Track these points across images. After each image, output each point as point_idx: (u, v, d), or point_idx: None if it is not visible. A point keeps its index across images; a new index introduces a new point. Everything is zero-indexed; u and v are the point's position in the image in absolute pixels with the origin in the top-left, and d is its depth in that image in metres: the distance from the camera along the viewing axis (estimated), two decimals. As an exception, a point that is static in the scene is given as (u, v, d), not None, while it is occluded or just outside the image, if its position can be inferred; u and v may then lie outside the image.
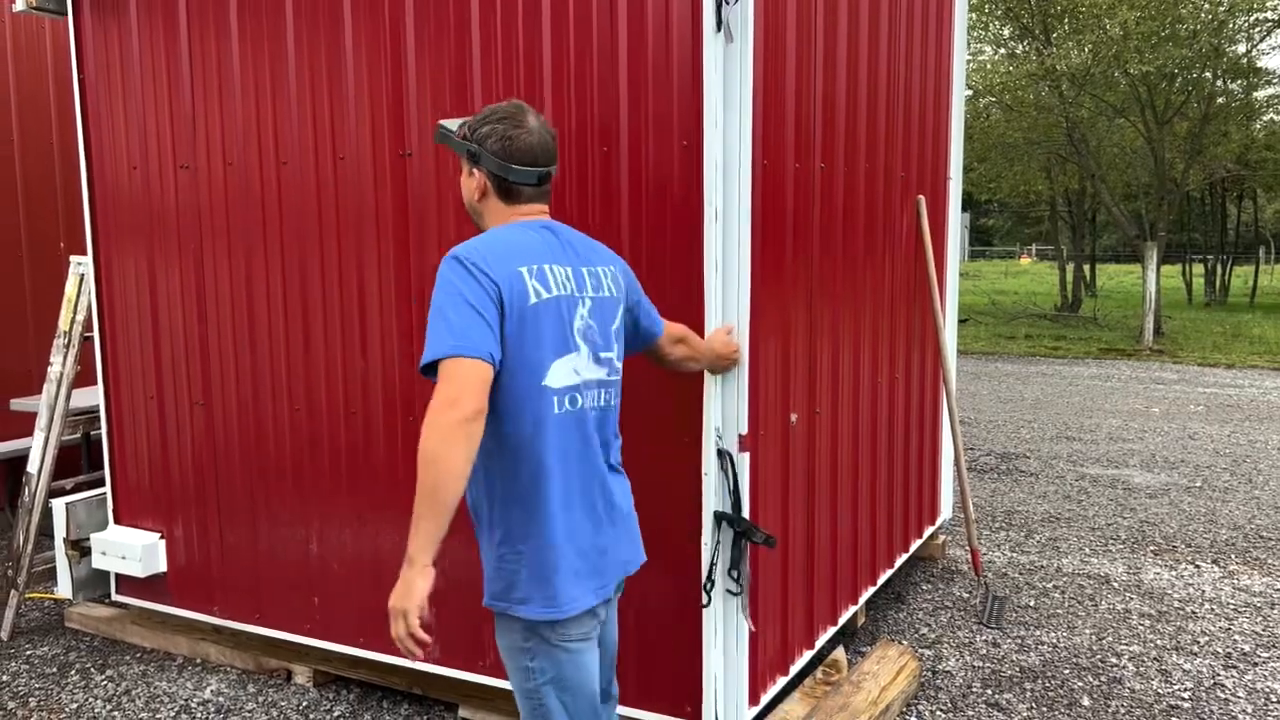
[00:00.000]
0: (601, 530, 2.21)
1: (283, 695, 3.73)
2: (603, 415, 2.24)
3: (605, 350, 2.24)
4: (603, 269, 2.28)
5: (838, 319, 3.74)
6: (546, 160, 2.25)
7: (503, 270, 2.04)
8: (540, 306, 2.08)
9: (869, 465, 4.11)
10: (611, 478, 2.28)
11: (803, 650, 3.56)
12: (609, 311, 2.27)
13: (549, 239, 2.21)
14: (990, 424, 9.19)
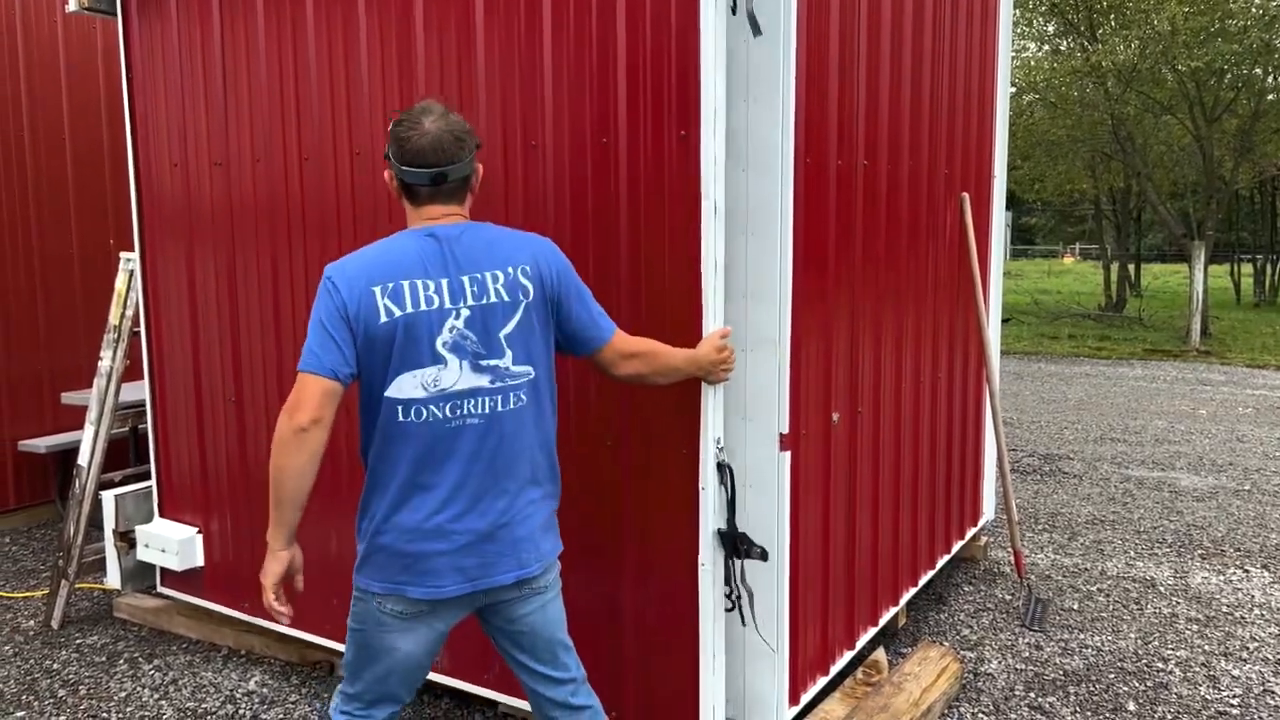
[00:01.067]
0: (447, 536, 2.26)
1: (325, 687, 3.77)
2: (491, 423, 2.26)
3: (491, 358, 2.25)
4: (493, 273, 2.26)
5: (880, 318, 3.72)
6: (438, 160, 2.27)
7: (356, 289, 2.19)
8: (394, 324, 2.19)
9: (911, 465, 4.08)
10: (503, 488, 2.29)
11: (843, 651, 3.54)
12: (498, 317, 2.26)
13: (428, 249, 2.25)
14: (1033, 425, 9.08)
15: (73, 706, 3.62)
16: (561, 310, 2.36)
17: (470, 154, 2.32)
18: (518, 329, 2.28)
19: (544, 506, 2.40)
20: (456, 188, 2.31)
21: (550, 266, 2.34)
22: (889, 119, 3.69)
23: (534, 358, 2.32)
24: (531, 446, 2.34)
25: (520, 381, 2.29)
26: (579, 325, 2.39)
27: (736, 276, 2.98)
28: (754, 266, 2.95)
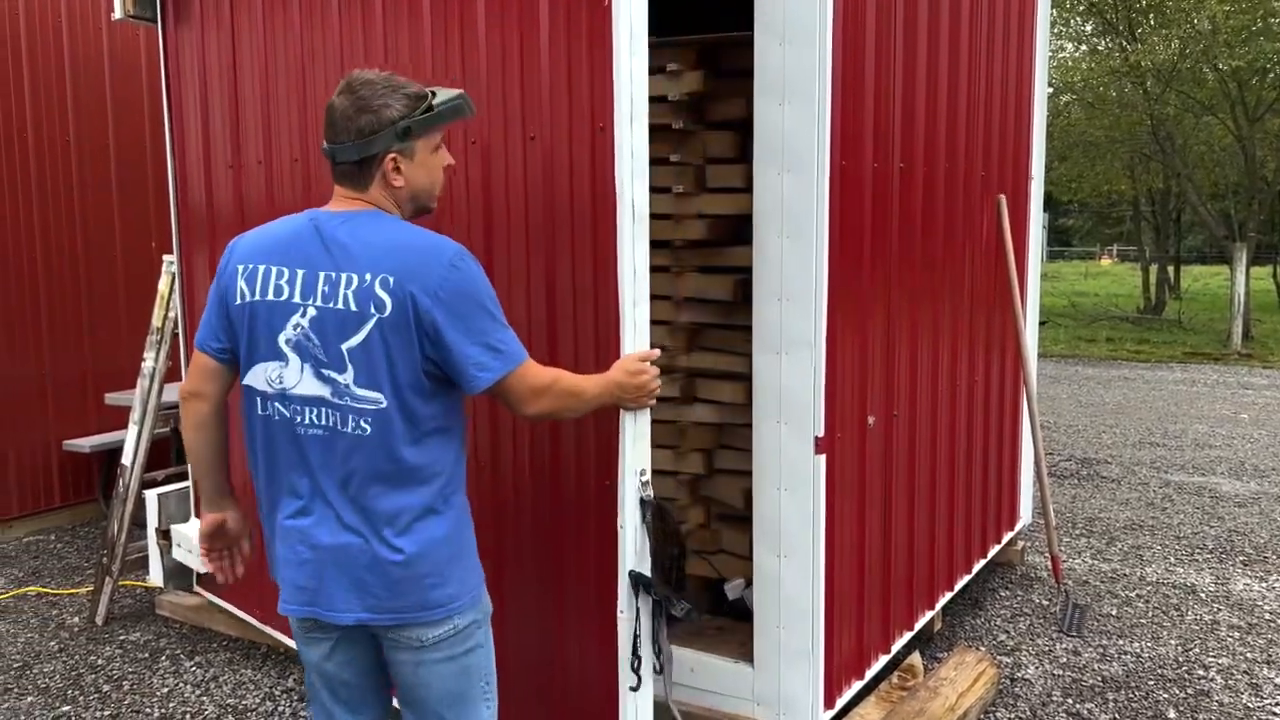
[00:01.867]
0: (294, 545, 2.08)
1: (362, 685, 3.80)
2: (334, 440, 2.01)
3: (332, 369, 2.00)
4: (349, 275, 1.97)
5: (916, 320, 3.70)
6: (332, 136, 2.04)
7: (231, 264, 2.10)
8: (244, 308, 2.05)
9: (947, 469, 4.06)
10: (353, 513, 2.03)
11: (879, 655, 3.53)
12: (341, 326, 1.97)
13: (302, 233, 2.05)
14: (1070, 428, 8.98)
15: (116, 701, 3.69)
16: (437, 339, 1.97)
17: (378, 134, 2.00)
18: (363, 347, 1.97)
19: (411, 565, 2.03)
20: (351, 170, 2.04)
21: (427, 283, 1.95)
22: (925, 121, 3.67)
23: (384, 385, 1.98)
24: (384, 483, 2.02)
25: (364, 408, 1.99)
26: (457, 360, 1.98)
27: (771, 279, 2.98)
28: (789, 269, 2.96)
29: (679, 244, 3.58)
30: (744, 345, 3.50)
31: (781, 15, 2.88)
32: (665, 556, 3.49)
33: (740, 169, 3.48)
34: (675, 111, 3.53)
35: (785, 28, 2.88)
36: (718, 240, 3.56)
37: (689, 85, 3.48)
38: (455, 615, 2.08)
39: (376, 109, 2.00)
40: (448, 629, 2.08)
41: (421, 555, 2.04)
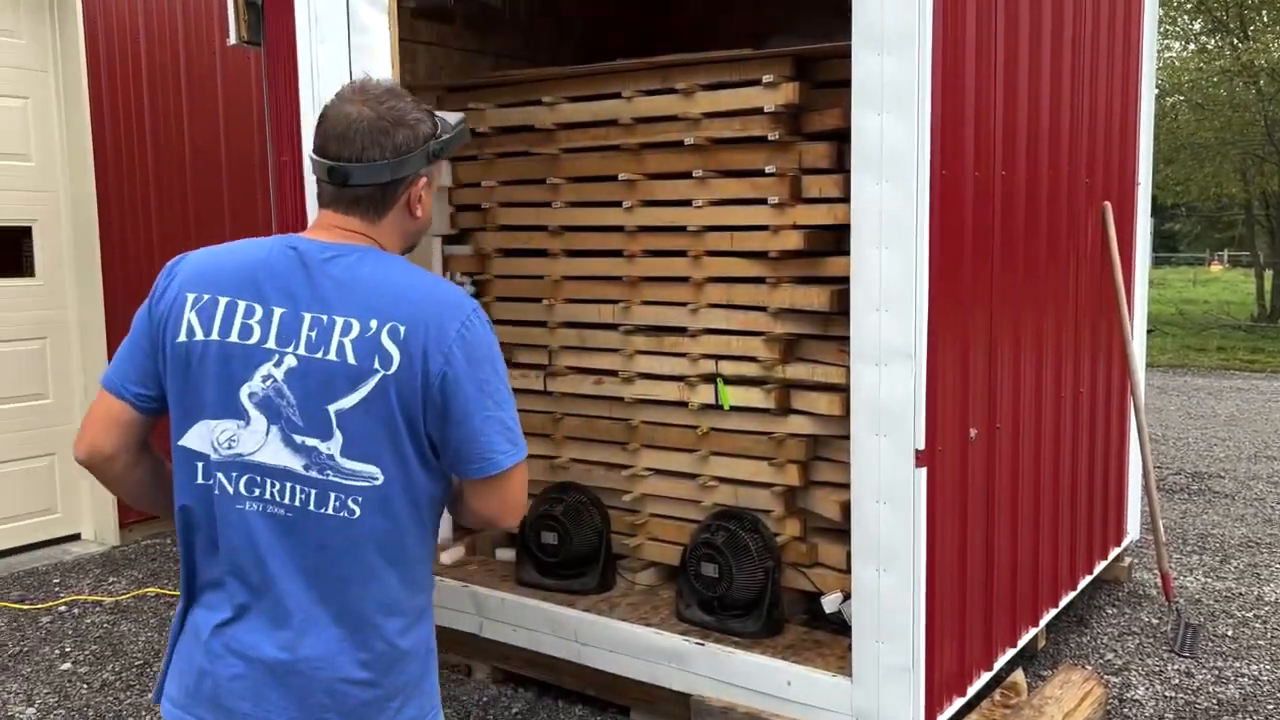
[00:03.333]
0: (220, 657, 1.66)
1: (464, 690, 3.89)
2: (299, 524, 1.62)
3: (309, 435, 1.61)
4: (346, 321, 1.61)
5: (1019, 331, 3.63)
6: (337, 150, 1.67)
7: (175, 293, 1.68)
8: (189, 348, 1.64)
9: (1051, 483, 3.96)
10: (312, 619, 1.64)
11: (980, 672, 3.46)
12: (331, 383, 1.61)
13: (278, 262, 1.66)
14: (1179, 441, 8.66)
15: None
16: (447, 409, 1.62)
17: (413, 153, 1.69)
18: (360, 410, 1.60)
19: (381, 682, 1.67)
20: (366, 196, 1.69)
21: (444, 339, 1.61)
22: (1027, 127, 3.61)
23: (384, 457, 1.62)
24: (369, 586, 1.65)
25: (353, 485, 1.62)
26: (470, 435, 1.63)
27: (869, 289, 2.96)
28: (888, 279, 2.93)
29: (774, 255, 3.58)
30: (840, 356, 3.48)
31: (880, 25, 2.86)
32: (761, 570, 3.50)
33: (837, 179, 3.47)
34: (772, 123, 3.53)
35: (884, 37, 2.86)
36: (814, 251, 3.55)
37: (785, 97, 3.49)
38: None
39: (413, 123, 1.69)
40: None
41: (399, 670, 1.69)
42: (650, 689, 3.51)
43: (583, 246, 4.09)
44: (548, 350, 4.21)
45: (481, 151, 4.30)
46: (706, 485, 3.82)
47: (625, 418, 4.02)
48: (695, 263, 3.77)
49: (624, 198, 3.91)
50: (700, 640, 3.45)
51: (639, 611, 3.75)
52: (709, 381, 3.77)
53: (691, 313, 3.79)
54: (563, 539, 3.93)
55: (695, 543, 3.62)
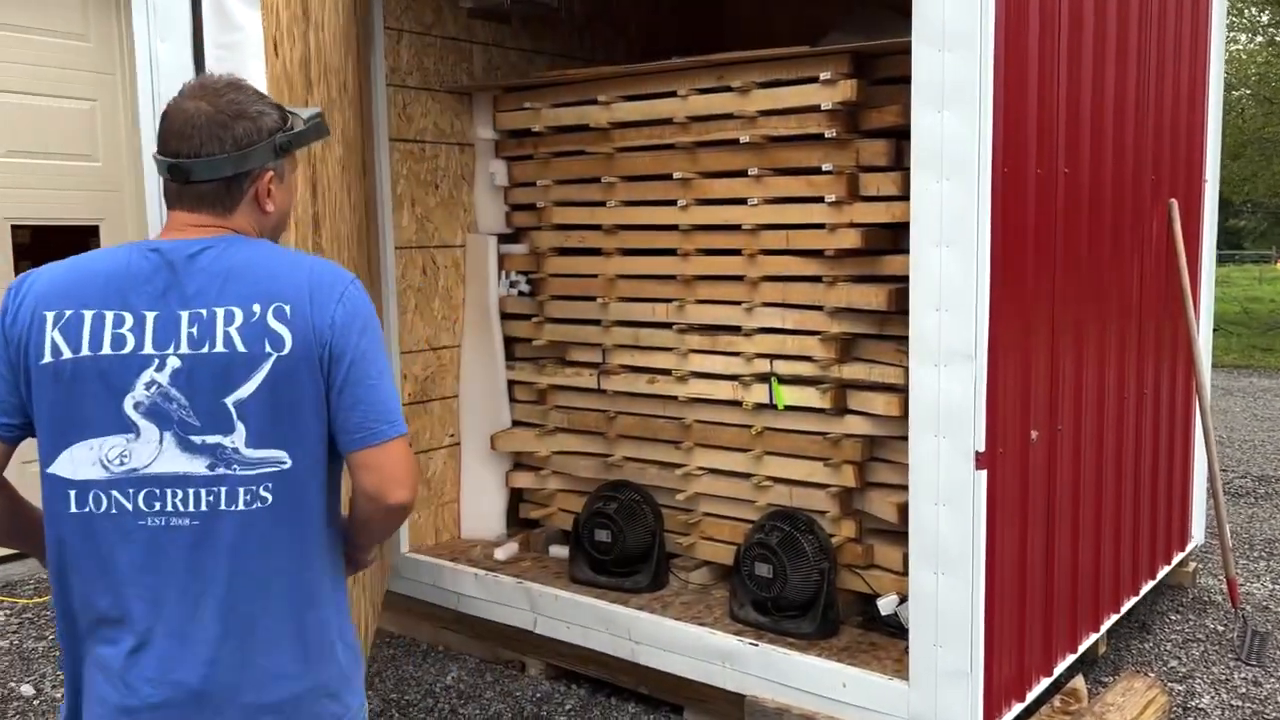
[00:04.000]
0: (138, 692, 1.60)
1: (518, 685, 3.91)
2: (208, 530, 1.59)
3: (208, 432, 1.59)
4: (228, 310, 1.60)
5: (1081, 330, 3.56)
6: (177, 147, 1.65)
7: (30, 312, 1.61)
8: (57, 368, 1.59)
9: (1113, 485, 3.88)
10: (231, 629, 1.61)
11: (1040, 677, 3.41)
12: (224, 375, 1.59)
13: (139, 268, 1.63)
14: (1245, 444, 8.44)
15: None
16: (340, 380, 1.63)
17: (255, 147, 1.67)
18: (259, 396, 1.60)
19: (312, 672, 1.67)
20: (210, 192, 1.67)
21: (331, 311, 1.63)
22: (1091, 123, 3.53)
23: (292, 440, 1.61)
24: (288, 575, 1.64)
25: (261, 471, 1.60)
26: (363, 403, 1.64)
27: (929, 288, 2.93)
28: (948, 278, 2.89)
29: (831, 253, 3.55)
30: (898, 356, 3.45)
31: (941, 21, 2.83)
32: (816, 572, 3.48)
33: (895, 177, 3.43)
34: (829, 120, 3.51)
35: (945, 33, 2.83)
36: (871, 249, 3.52)
37: (843, 94, 3.46)
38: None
39: (254, 116, 1.68)
40: None
41: (332, 665, 1.70)
42: (704, 688, 3.51)
43: (637, 245, 4.10)
44: (601, 348, 4.22)
45: (537, 151, 4.32)
46: (761, 485, 3.80)
47: (679, 416, 4.01)
48: (750, 261, 3.75)
49: (679, 196, 3.91)
50: (754, 641, 3.43)
51: (692, 610, 3.75)
52: (763, 381, 3.75)
53: (746, 312, 3.77)
54: (616, 537, 3.94)
55: (749, 543, 3.61)
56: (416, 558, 4.38)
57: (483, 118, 4.52)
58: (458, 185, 4.55)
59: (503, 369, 4.53)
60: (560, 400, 4.39)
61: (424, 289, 4.45)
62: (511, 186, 4.50)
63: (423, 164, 4.40)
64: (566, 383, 4.32)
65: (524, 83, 4.38)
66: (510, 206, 4.54)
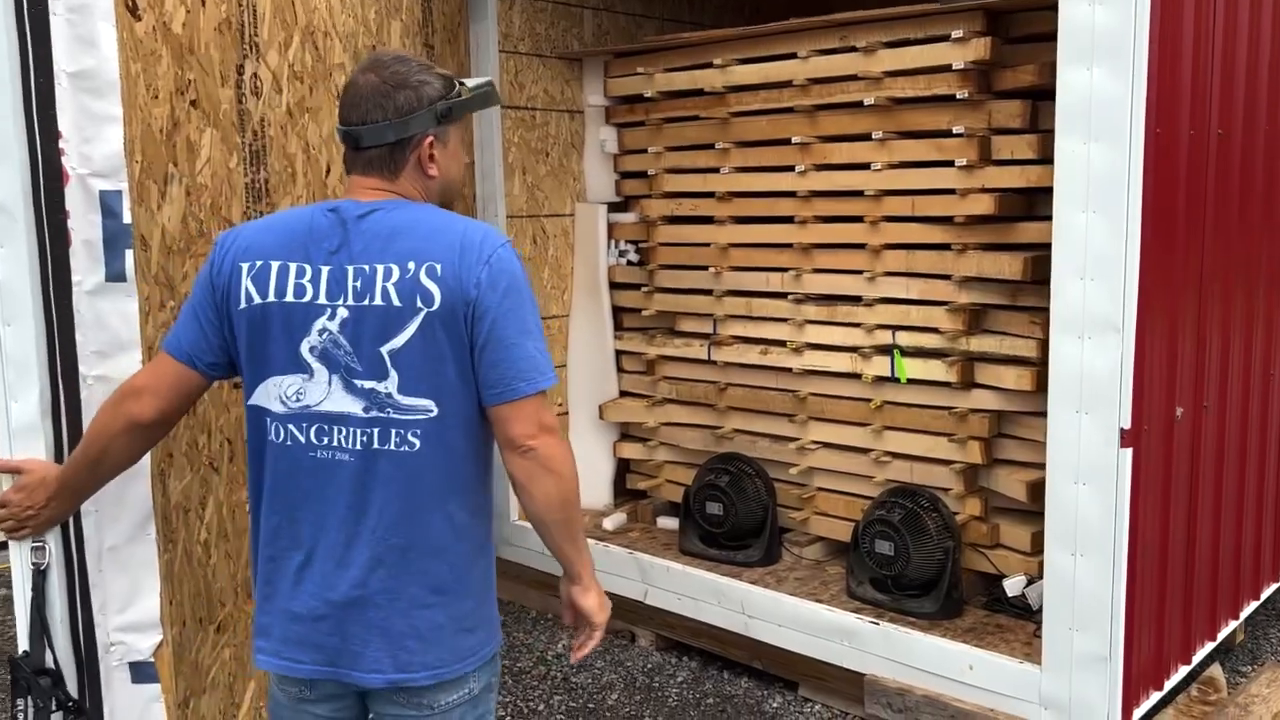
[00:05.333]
0: (305, 599, 1.81)
1: (628, 656, 3.90)
2: (367, 465, 1.76)
3: (368, 378, 1.74)
4: (386, 268, 1.74)
5: (1230, 302, 3.36)
6: (348, 116, 1.81)
7: (229, 262, 1.81)
8: (251, 313, 1.78)
9: (1257, 468, 3.67)
10: (379, 557, 1.77)
11: (1178, 665, 3.25)
12: (381, 327, 1.74)
13: (320, 225, 1.79)
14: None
15: (404, 654, 3.95)
16: (488, 334, 1.74)
17: (416, 114, 1.79)
18: (411, 347, 1.73)
19: (450, 604, 1.81)
20: (382, 156, 1.81)
21: (478, 272, 1.74)
22: (1246, 83, 3.31)
23: (439, 390, 1.75)
24: (432, 513, 1.78)
25: (412, 418, 1.75)
26: (505, 357, 1.75)
27: (1073, 256, 2.78)
28: (1094, 245, 2.74)
29: (961, 220, 3.41)
30: (1031, 328, 3.30)
31: (1093, -29, 2.66)
32: (940, 550, 3.37)
33: (1031, 140, 3.27)
34: (960, 80, 3.35)
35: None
36: (1004, 216, 3.36)
37: (976, 52, 3.30)
38: (478, 669, 1.86)
39: (415, 85, 1.79)
40: (477, 688, 1.86)
41: (465, 608, 1.82)
42: (821, 665, 3.44)
43: (751, 213, 4.00)
44: (713, 319, 4.15)
45: (648, 117, 4.25)
46: (879, 460, 3.70)
47: (793, 389, 3.92)
48: (872, 229, 3.63)
49: (796, 162, 3.80)
50: (875, 619, 3.35)
51: (808, 586, 3.67)
52: (885, 353, 3.63)
53: (867, 281, 3.66)
54: (728, 510, 3.88)
55: (869, 519, 3.51)
56: (525, 525, 4.38)
57: (593, 84, 4.46)
58: (567, 153, 4.51)
59: (611, 339, 4.50)
60: (669, 371, 4.33)
61: (534, 259, 4.43)
62: (621, 154, 4.44)
63: (533, 132, 4.37)
64: (676, 353, 4.26)
65: (636, 47, 4.31)
66: (620, 174, 4.49)
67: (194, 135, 2.53)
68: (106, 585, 2.27)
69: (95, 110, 2.21)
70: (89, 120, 2.20)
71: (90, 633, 2.23)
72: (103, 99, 2.21)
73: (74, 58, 2.17)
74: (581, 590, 1.91)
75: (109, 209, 2.23)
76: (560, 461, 1.79)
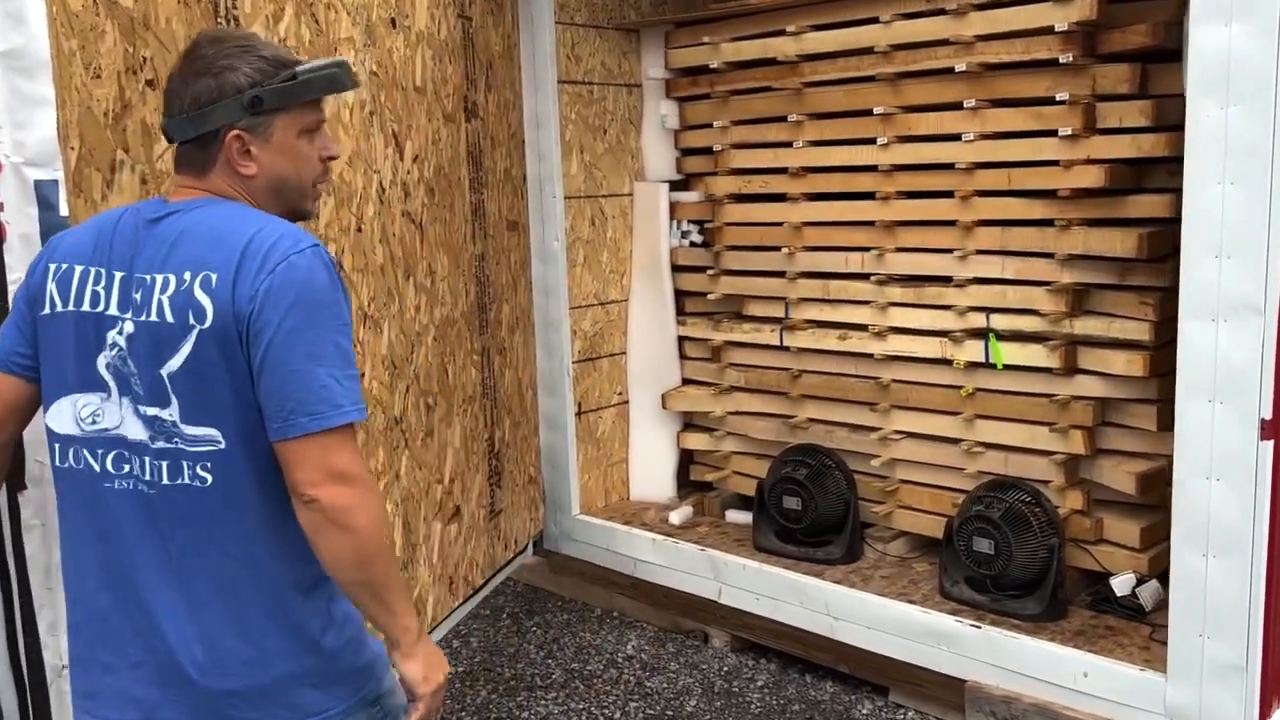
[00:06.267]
0: (112, 645, 1.59)
1: (702, 658, 3.71)
2: (160, 501, 1.52)
3: (149, 403, 1.51)
4: (165, 278, 1.50)
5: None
6: (169, 107, 1.59)
7: (42, 265, 1.63)
8: (52, 321, 1.58)
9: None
10: (175, 606, 1.54)
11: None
12: (157, 344, 1.50)
13: (123, 227, 1.58)
14: None
15: (467, 659, 3.78)
16: (261, 356, 1.48)
17: (216, 105, 1.54)
18: (188, 370, 1.49)
19: (274, 660, 1.56)
20: (189, 152, 1.59)
21: (257, 283, 1.47)
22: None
23: (223, 419, 1.50)
24: (229, 561, 1.53)
25: (201, 450, 1.51)
26: (281, 385, 1.47)
27: (1207, 232, 2.55)
28: (1232, 220, 2.51)
29: (1065, 194, 3.17)
30: (1143, 310, 3.08)
31: (1232, -83, 2.42)
32: (1044, 548, 3.16)
33: (1143, 106, 3.04)
34: (1063, 43, 3.11)
35: (1237, -68, 2.42)
36: (1111, 189, 3.13)
37: (1080, 13, 3.06)
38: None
39: (217, 72, 1.55)
40: None
41: (296, 647, 1.57)
42: (915, 670, 3.24)
43: (827, 189, 3.78)
44: (785, 302, 3.94)
45: (713, 89, 4.03)
46: (971, 451, 3.48)
47: (874, 376, 3.71)
48: (964, 204, 3.40)
49: (878, 134, 3.57)
50: (975, 622, 3.15)
51: (896, 586, 3.47)
52: (978, 337, 3.41)
53: (959, 260, 3.43)
54: (807, 504, 3.68)
55: (966, 515, 3.30)
56: (588, 520, 4.22)
57: (652, 56, 4.24)
58: (625, 130, 4.30)
59: (674, 324, 4.30)
60: (736, 357, 4.13)
61: (592, 241, 4.23)
62: (683, 129, 4.23)
63: (591, 107, 4.16)
64: (745, 339, 4.05)
65: (700, 15, 4.08)
66: (681, 151, 4.28)
67: (151, 119, 2.29)
68: (56, 604, 2.05)
69: (27, 92, 2.01)
70: (21, 103, 2.00)
71: (37, 656, 2.05)
72: (33, 80, 2.01)
73: (2, 35, 1.97)
74: (400, 657, 1.61)
75: (45, 200, 2.03)
76: (352, 514, 1.49)
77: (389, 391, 3.29)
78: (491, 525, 4.05)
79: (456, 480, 3.75)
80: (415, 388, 3.46)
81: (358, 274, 3.11)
